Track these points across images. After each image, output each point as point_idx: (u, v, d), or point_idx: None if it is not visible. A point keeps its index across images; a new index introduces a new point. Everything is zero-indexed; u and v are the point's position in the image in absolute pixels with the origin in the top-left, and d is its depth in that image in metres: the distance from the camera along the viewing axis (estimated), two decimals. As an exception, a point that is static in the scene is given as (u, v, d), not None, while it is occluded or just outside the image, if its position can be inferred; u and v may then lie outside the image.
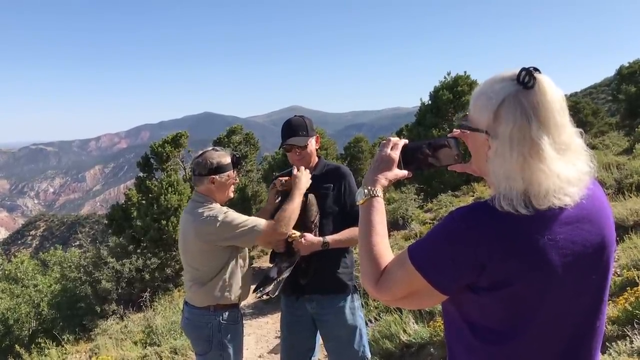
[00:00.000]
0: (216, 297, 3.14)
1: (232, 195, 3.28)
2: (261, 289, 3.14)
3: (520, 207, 1.27)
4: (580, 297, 1.35)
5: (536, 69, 1.33)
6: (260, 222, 3.06)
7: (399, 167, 1.62)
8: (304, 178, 3.17)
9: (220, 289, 3.13)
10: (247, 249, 3.34)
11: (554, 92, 1.32)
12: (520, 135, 1.29)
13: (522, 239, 1.28)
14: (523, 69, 1.32)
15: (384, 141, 1.65)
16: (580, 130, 1.36)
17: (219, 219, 3.03)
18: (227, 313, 3.18)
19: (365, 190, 1.58)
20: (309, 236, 3.12)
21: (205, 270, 3.13)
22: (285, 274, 3.16)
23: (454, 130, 1.58)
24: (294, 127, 3.24)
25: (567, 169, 1.29)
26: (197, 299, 3.19)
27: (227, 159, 3.17)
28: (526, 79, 1.30)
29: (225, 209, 3.14)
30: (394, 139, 1.65)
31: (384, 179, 1.60)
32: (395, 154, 1.62)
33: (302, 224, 3.16)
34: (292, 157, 3.32)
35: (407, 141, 1.65)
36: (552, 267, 1.28)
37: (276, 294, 3.18)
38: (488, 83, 1.39)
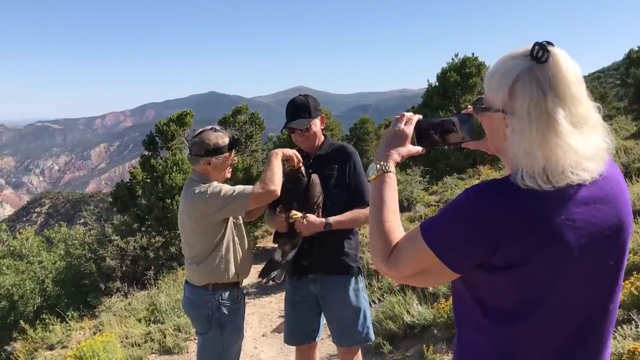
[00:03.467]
0: (213, 275, 3.13)
1: (228, 175, 3.24)
2: (268, 275, 3.13)
3: (542, 183, 1.24)
4: (595, 279, 1.32)
5: (549, 43, 1.29)
6: (249, 186, 3.03)
7: (412, 143, 1.58)
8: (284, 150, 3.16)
9: (217, 266, 3.11)
10: (243, 228, 3.30)
11: (569, 64, 1.28)
12: (537, 110, 1.25)
13: (538, 218, 1.25)
14: (536, 44, 1.28)
15: (398, 116, 1.61)
16: (598, 105, 1.33)
17: (208, 191, 3.01)
18: (227, 292, 3.17)
19: (378, 166, 1.54)
20: (311, 217, 3.09)
21: (201, 247, 3.12)
22: (290, 257, 3.15)
23: (468, 106, 1.55)
24: (297, 109, 3.20)
25: (584, 143, 1.26)
26: (195, 278, 3.18)
27: (224, 140, 3.11)
28: (539, 54, 1.27)
29: (216, 182, 3.11)
30: (408, 114, 1.61)
31: (396, 155, 1.56)
32: (409, 130, 1.58)
33: (305, 204, 3.13)
34: (296, 139, 3.29)
35: (420, 116, 1.61)
36: (568, 247, 1.25)
37: (282, 278, 3.18)
38: (501, 61, 1.35)
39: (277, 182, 3.00)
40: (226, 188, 3.03)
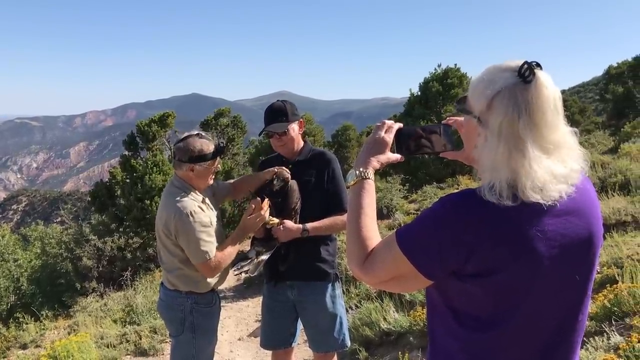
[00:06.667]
0: (185, 285, 3.09)
1: (211, 182, 3.17)
2: (239, 266, 3.11)
3: (504, 199, 1.27)
4: (566, 290, 1.35)
5: (538, 65, 1.32)
6: (209, 254, 2.96)
7: (392, 150, 1.61)
8: (252, 222, 3.08)
9: (189, 278, 3.08)
10: (224, 235, 3.22)
11: (550, 90, 1.31)
12: (509, 129, 1.29)
13: (510, 228, 1.28)
14: (525, 63, 1.31)
15: (379, 123, 1.63)
16: (575, 129, 1.36)
17: (184, 219, 2.92)
18: (200, 296, 3.13)
19: (357, 172, 1.57)
20: (288, 223, 3.10)
21: (171, 258, 3.06)
22: (264, 256, 3.13)
23: (448, 118, 1.58)
24: (274, 113, 3.20)
25: (554, 166, 1.29)
26: (168, 282, 3.15)
27: (210, 147, 3.02)
28: (526, 73, 1.29)
29: (196, 207, 2.97)
30: (389, 122, 1.64)
31: (376, 162, 1.58)
32: (389, 137, 1.61)
33: (283, 210, 3.13)
34: (274, 143, 3.29)
35: (401, 125, 1.63)
36: (539, 258, 1.28)
37: (255, 273, 3.15)
38: (490, 70, 1.38)
39: (222, 268, 3.06)
40: (197, 233, 2.93)
